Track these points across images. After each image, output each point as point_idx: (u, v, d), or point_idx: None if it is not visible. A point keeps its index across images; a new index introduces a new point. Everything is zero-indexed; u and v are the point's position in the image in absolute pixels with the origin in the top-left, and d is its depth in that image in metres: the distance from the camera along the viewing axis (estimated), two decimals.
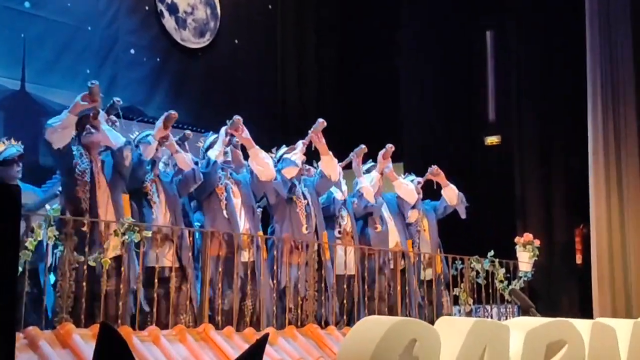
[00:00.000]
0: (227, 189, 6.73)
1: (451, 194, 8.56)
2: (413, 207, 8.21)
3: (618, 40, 10.07)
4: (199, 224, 6.69)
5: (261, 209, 7.46)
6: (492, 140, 12.23)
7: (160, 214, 6.32)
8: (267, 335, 2.70)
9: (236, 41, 12.12)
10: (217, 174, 6.65)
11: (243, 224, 6.72)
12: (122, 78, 10.56)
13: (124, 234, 5.61)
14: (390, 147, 8.20)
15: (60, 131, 5.83)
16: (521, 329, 3.77)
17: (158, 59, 11.09)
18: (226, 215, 6.59)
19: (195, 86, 11.46)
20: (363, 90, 13.26)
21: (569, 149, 11.24)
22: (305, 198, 7.20)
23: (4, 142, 6.55)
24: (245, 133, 6.84)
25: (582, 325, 3.98)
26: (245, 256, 6.59)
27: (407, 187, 8.23)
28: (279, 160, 7.40)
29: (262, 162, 6.79)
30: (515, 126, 11.72)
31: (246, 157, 7.16)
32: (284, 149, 7.60)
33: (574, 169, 11.06)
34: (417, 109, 12.66)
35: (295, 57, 12.99)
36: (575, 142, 10.87)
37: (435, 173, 8.48)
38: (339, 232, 7.52)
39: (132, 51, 10.74)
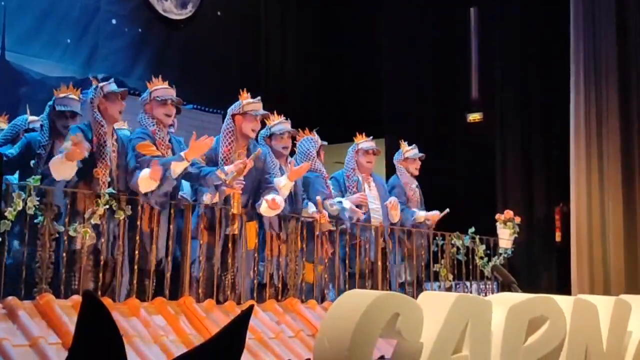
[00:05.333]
0: None
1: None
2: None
3: (602, 19, 10.08)
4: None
5: None
6: (474, 117, 12.24)
7: None
8: (252, 306, 2.68)
9: (218, 13, 12.05)
10: None
11: None
12: (103, 48, 10.50)
13: (104, 204, 5.57)
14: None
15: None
16: (503, 304, 3.76)
17: (139, 30, 11.02)
18: None
19: (177, 58, 11.39)
20: (345, 67, 13.24)
21: (551, 127, 11.28)
22: None
23: None
24: None
25: (563, 301, 3.98)
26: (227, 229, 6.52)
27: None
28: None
29: None
30: (498, 103, 11.74)
31: None
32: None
33: (555, 147, 11.11)
34: (399, 85, 12.65)
35: (277, 30, 12.95)
36: (557, 120, 10.92)
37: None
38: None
39: (114, 21, 10.67)
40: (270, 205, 6.41)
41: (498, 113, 11.72)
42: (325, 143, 7.83)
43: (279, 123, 7.15)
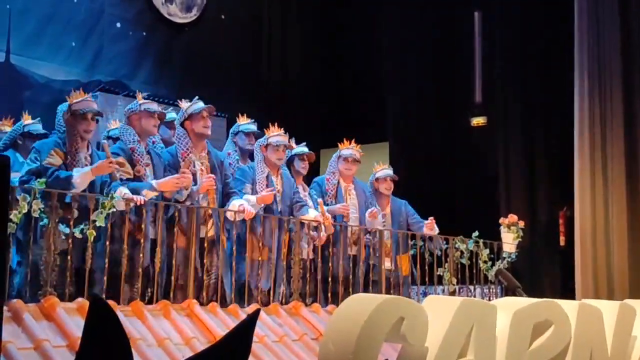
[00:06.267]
0: None
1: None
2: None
3: (606, 21, 10.06)
4: None
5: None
6: (478, 120, 12.23)
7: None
8: (258, 310, 2.69)
9: (222, 17, 12.05)
10: None
11: None
12: (107, 52, 10.51)
13: (110, 208, 5.58)
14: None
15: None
16: (508, 308, 3.76)
17: (144, 33, 11.02)
18: None
19: (181, 61, 11.40)
20: (348, 70, 13.23)
21: (554, 131, 11.26)
22: None
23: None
24: None
25: (568, 306, 3.98)
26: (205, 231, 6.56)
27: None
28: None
29: None
30: (500, 107, 11.73)
31: None
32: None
33: (558, 151, 11.08)
34: (402, 89, 12.63)
35: (279, 33, 12.94)
36: (561, 123, 10.90)
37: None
38: None
39: (118, 24, 10.68)
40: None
41: (501, 116, 11.71)
42: (306, 150, 7.81)
43: (278, 135, 7.23)
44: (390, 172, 8.34)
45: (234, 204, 6.60)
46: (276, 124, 7.34)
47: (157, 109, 6.52)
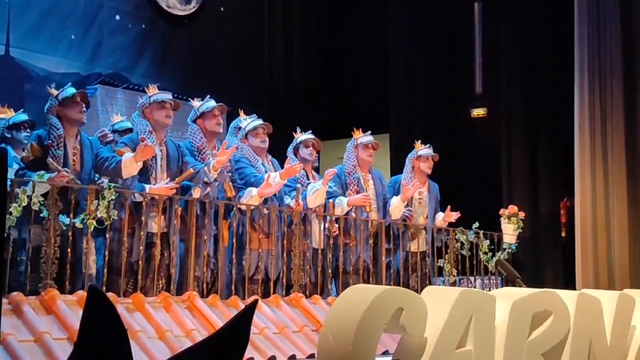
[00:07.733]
0: None
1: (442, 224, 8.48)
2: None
3: (606, 13, 10.05)
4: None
5: None
6: (478, 112, 12.23)
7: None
8: (256, 301, 2.69)
9: (222, 9, 12.02)
10: None
11: None
12: (107, 44, 10.50)
13: (110, 197, 5.59)
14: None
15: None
16: (507, 299, 3.76)
17: (143, 26, 11.00)
18: None
19: (180, 54, 11.38)
20: (350, 61, 13.22)
21: (555, 122, 11.27)
22: None
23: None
24: None
25: (567, 296, 3.97)
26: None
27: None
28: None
29: None
30: (502, 99, 11.72)
31: None
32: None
33: (559, 142, 11.09)
34: (404, 80, 12.62)
35: (281, 25, 12.91)
36: (561, 115, 10.90)
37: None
38: None
39: (118, 17, 10.66)
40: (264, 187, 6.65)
41: (503, 108, 11.70)
42: (311, 137, 7.81)
43: (251, 122, 7.26)
44: (431, 151, 8.45)
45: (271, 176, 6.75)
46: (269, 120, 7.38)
47: (166, 98, 6.56)
